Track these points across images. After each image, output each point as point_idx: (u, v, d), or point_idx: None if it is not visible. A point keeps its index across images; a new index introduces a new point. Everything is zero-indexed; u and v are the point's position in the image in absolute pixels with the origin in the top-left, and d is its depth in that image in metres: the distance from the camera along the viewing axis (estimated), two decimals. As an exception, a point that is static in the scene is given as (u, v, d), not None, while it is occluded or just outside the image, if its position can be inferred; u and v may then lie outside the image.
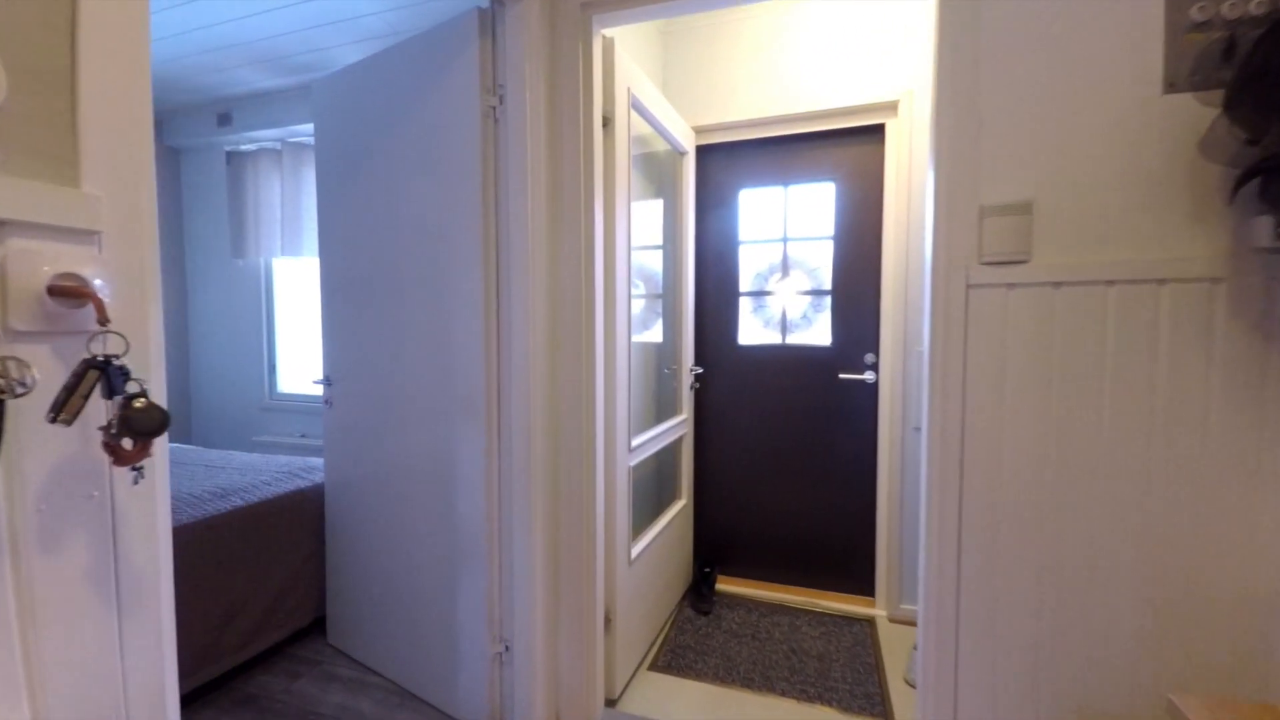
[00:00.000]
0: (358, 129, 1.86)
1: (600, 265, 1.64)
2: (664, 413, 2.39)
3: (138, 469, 0.60)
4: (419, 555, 1.78)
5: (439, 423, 1.70)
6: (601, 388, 1.65)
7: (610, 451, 1.71)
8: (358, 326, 1.91)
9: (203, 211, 3.61)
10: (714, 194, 2.55)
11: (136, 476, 0.61)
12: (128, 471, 0.60)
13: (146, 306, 0.65)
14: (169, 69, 2.85)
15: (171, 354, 3.66)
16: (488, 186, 1.57)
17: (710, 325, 2.59)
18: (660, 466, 2.41)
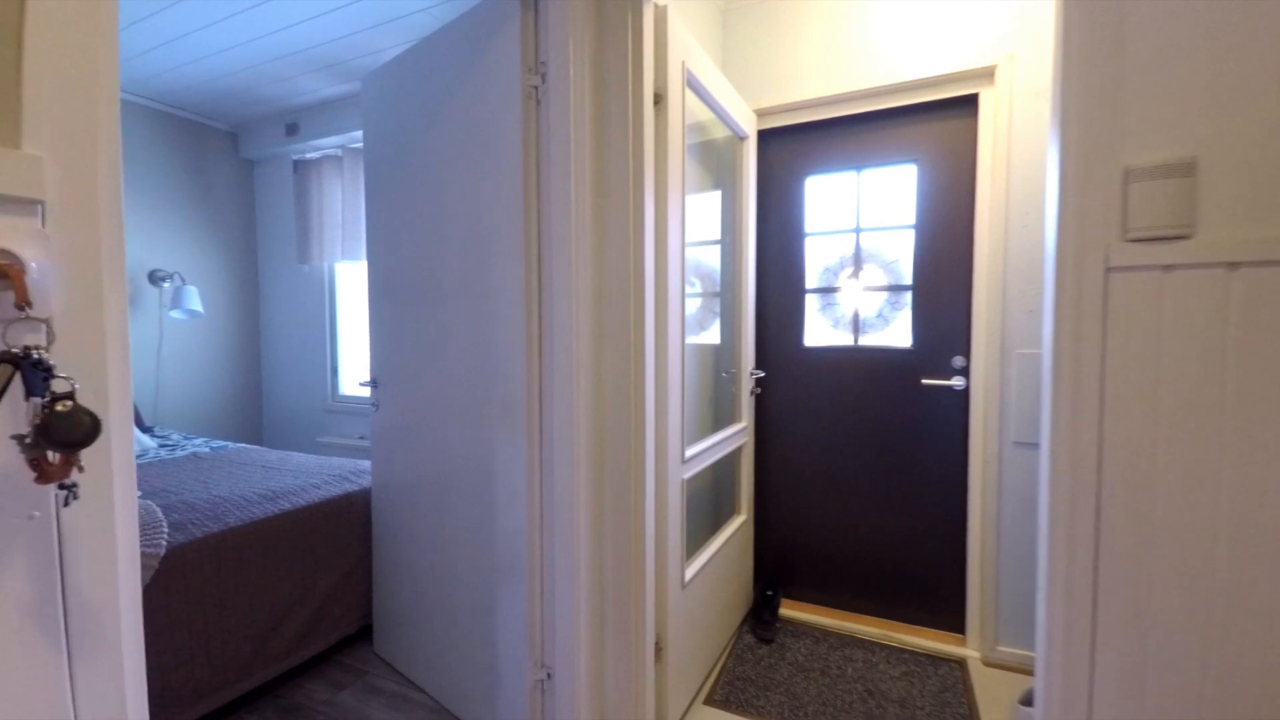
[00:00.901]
0: (402, 123, 1.80)
1: (651, 259, 1.48)
2: (722, 420, 2.21)
3: (68, 487, 0.49)
4: (458, 568, 1.68)
5: (478, 429, 1.60)
6: (652, 394, 1.49)
7: (661, 463, 1.55)
8: (401, 328, 1.85)
9: (274, 220, 3.75)
10: (777, 182, 2.34)
11: (67, 496, 0.50)
12: (56, 490, 0.50)
13: (103, 293, 0.55)
14: (238, 79, 2.95)
15: (245, 357, 3.82)
16: (529, 174, 1.45)
17: (773, 325, 2.37)
18: (717, 478, 2.22)
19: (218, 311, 3.65)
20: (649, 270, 1.47)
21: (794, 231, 2.33)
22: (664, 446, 1.55)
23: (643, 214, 1.45)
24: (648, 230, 1.47)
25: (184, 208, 3.47)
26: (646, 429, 1.46)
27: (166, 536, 1.56)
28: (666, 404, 1.54)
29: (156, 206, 3.34)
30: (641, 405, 1.45)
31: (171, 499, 1.85)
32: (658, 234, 1.53)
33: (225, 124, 3.61)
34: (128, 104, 3.16)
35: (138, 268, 3.25)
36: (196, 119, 3.49)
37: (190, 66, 2.81)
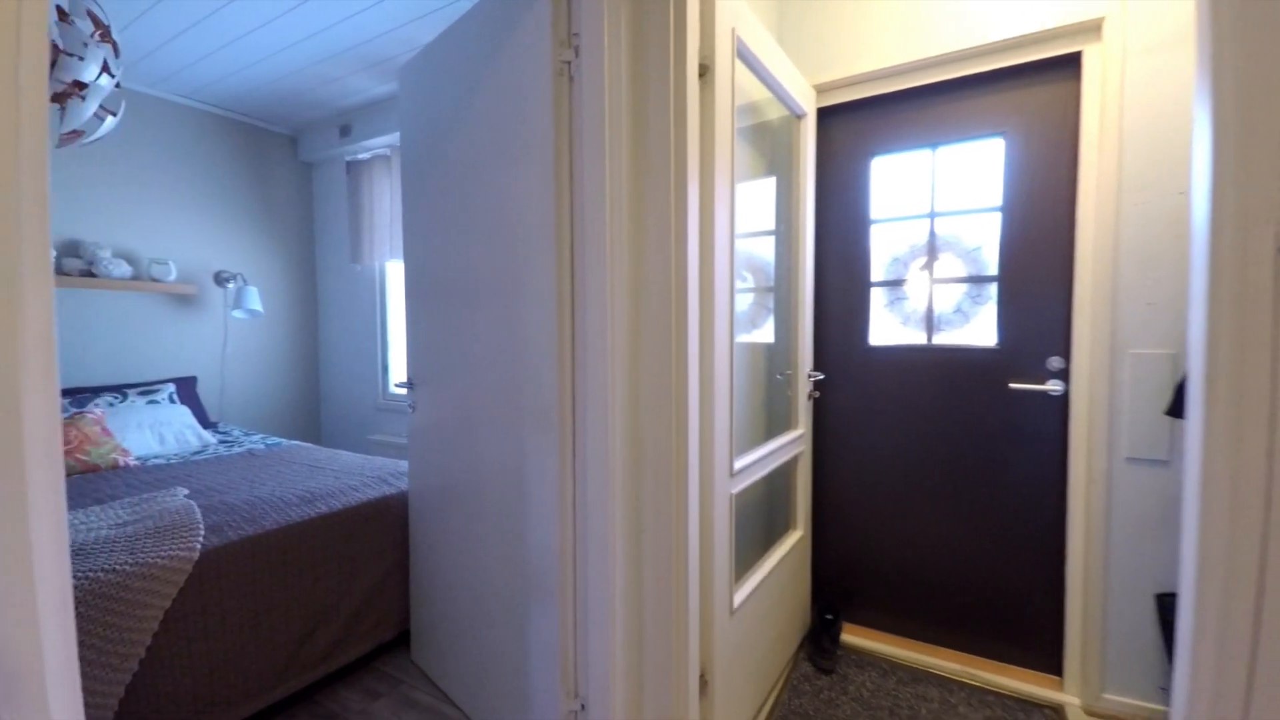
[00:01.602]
0: (434, 113, 1.72)
1: (695, 250, 1.32)
2: (775, 427, 2.02)
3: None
4: (490, 581, 1.59)
5: (509, 436, 1.49)
6: (696, 400, 1.33)
7: (707, 476, 1.39)
8: (434, 328, 1.78)
9: (330, 221, 3.83)
10: (838, 165, 2.12)
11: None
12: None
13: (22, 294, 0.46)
14: (292, 82, 3.00)
15: (303, 355, 3.93)
16: (561, 159, 1.33)
17: (833, 323, 2.16)
18: (770, 490, 2.03)
19: (277, 311, 3.76)
20: (693, 262, 1.32)
21: (857, 219, 2.10)
22: (710, 458, 1.39)
23: (686, 200, 1.29)
24: (691, 218, 1.31)
25: (247, 210, 3.59)
26: (689, 439, 1.31)
27: (201, 540, 1.55)
28: (713, 411, 1.38)
29: (221, 210, 3.46)
30: (684, 412, 1.30)
31: (214, 499, 1.85)
32: (703, 222, 1.37)
33: (285, 128, 3.71)
34: (194, 111, 3.29)
35: (203, 269, 3.38)
36: (258, 124, 3.59)
37: (248, 70, 2.87)
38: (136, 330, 3.12)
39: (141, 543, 1.49)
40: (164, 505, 1.74)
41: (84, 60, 1.50)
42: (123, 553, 1.43)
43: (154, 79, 2.96)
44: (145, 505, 1.77)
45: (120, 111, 1.71)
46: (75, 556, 1.37)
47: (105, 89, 1.62)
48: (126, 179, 3.04)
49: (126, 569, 1.37)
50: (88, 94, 1.53)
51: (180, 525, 1.58)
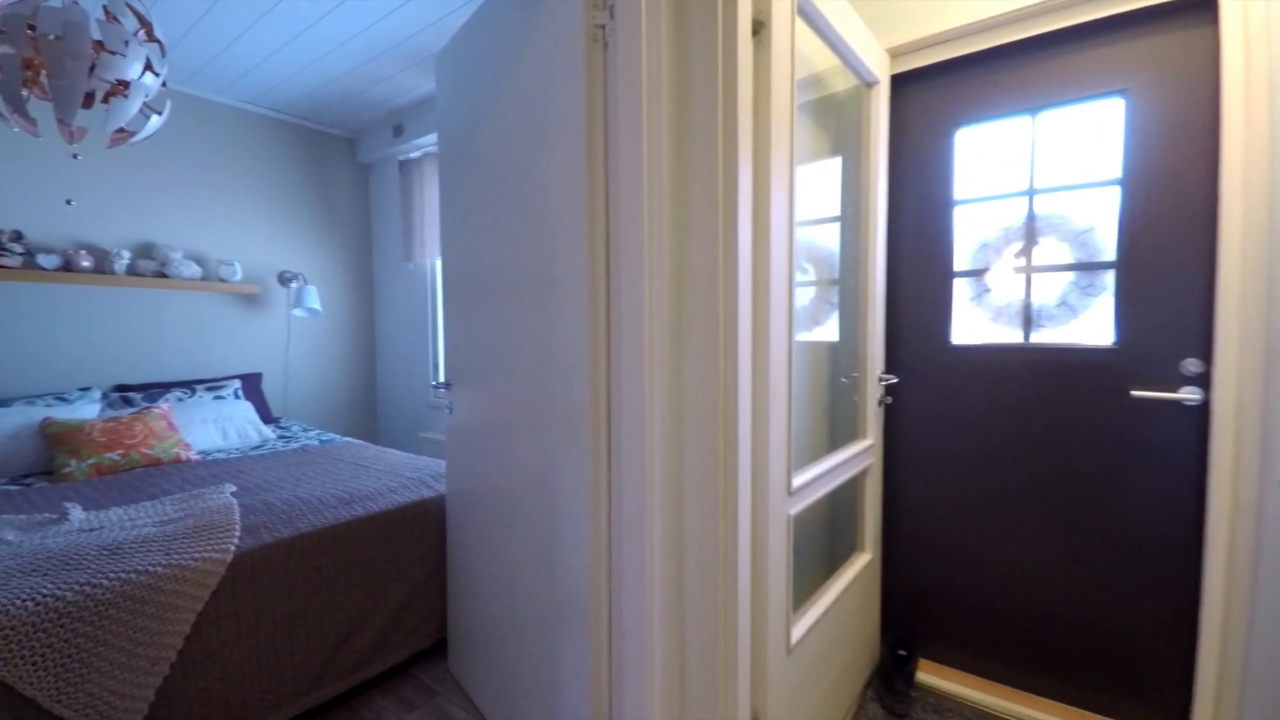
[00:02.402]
0: (469, 99, 1.63)
1: (746, 239, 1.15)
2: (840, 437, 1.80)
3: None
4: (521, 598, 1.47)
5: (540, 442, 1.37)
6: (748, 407, 1.16)
7: (760, 495, 1.21)
8: (469, 327, 1.69)
9: (386, 220, 3.89)
10: (915, 139, 1.87)
11: None
12: None
13: None
14: (345, 83, 3.02)
15: (361, 353, 4.01)
16: (594, 136, 1.18)
17: (908, 319, 1.91)
18: (834, 507, 1.82)
19: (336, 310, 3.85)
20: (744, 252, 1.14)
21: (938, 200, 1.84)
22: (763, 474, 1.21)
23: (736, 181, 1.12)
24: (743, 201, 1.13)
25: (308, 212, 3.69)
26: (740, 452, 1.13)
27: (236, 542, 1.52)
28: (767, 420, 1.20)
29: (284, 212, 3.56)
30: (733, 422, 1.12)
31: (257, 498, 1.84)
32: (757, 206, 1.19)
33: (344, 131, 3.78)
34: (258, 117, 3.40)
35: (267, 269, 3.49)
36: (319, 128, 3.68)
37: (304, 73, 2.92)
38: (206, 328, 3.25)
39: (178, 543, 1.47)
40: (207, 504, 1.74)
41: (126, 58, 1.49)
42: (158, 553, 1.41)
43: (219, 86, 3.07)
44: (191, 503, 1.78)
45: (166, 111, 1.72)
46: (111, 556, 1.37)
47: (150, 87, 1.62)
48: (197, 183, 3.17)
49: (159, 570, 1.35)
50: (131, 92, 1.53)
51: (216, 526, 1.57)
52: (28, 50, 1.30)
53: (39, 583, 1.21)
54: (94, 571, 1.29)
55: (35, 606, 1.15)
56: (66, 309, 2.73)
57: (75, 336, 2.76)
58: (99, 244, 2.83)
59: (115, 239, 2.89)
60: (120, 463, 2.25)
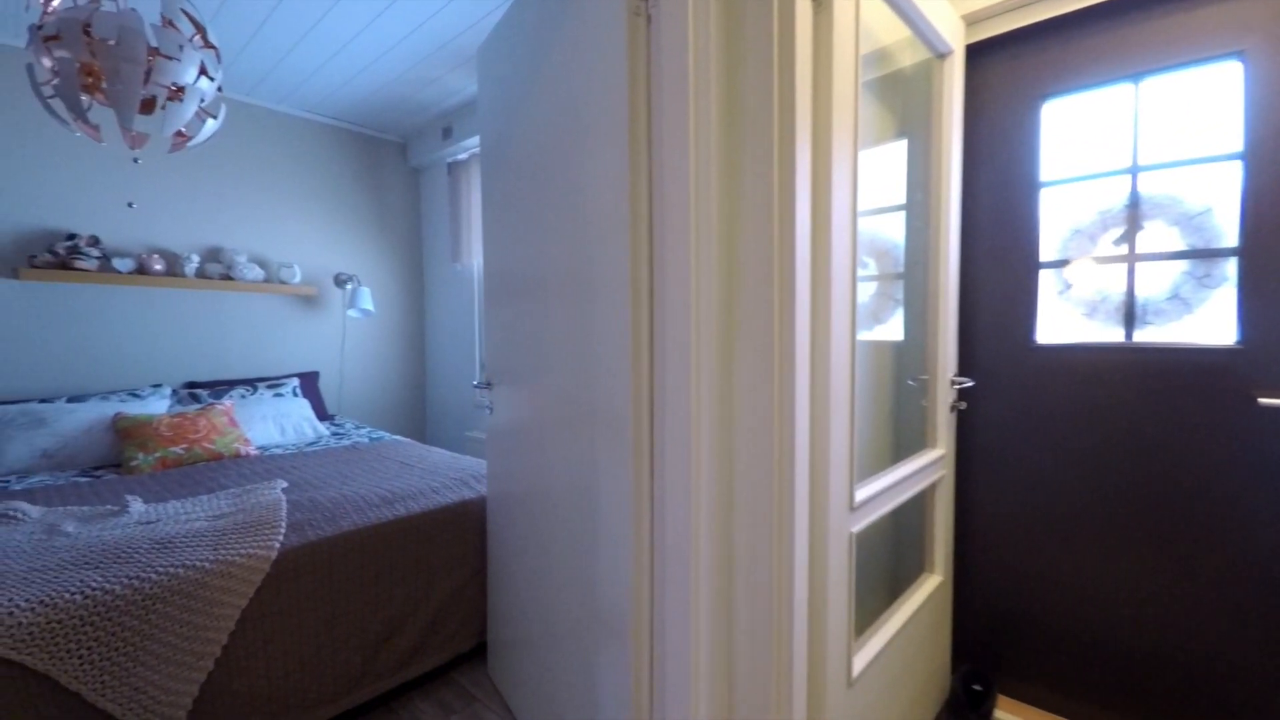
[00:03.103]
0: (508, 91, 1.57)
1: (805, 228, 1.03)
2: (906, 446, 1.64)
3: None
4: (560, 608, 1.40)
5: (580, 447, 1.30)
6: (806, 413, 1.04)
7: (819, 510, 1.09)
8: (508, 327, 1.64)
9: (436, 222, 3.94)
10: (993, 114, 1.69)
11: None
12: None
13: None
14: (396, 87, 3.07)
15: (411, 353, 4.08)
16: (636, 119, 1.10)
17: (984, 315, 1.73)
18: (898, 523, 1.67)
19: (389, 310, 3.94)
20: (802, 244, 1.03)
21: (1020, 181, 1.65)
22: (823, 487, 1.09)
23: (793, 165, 1.01)
24: (801, 188, 1.02)
25: (362, 216, 3.78)
26: (796, 462, 1.02)
27: (281, 538, 1.52)
28: (828, 426, 1.08)
29: (340, 215, 3.67)
30: (789, 428, 1.01)
31: (304, 495, 1.86)
32: (817, 193, 1.07)
33: (396, 135, 3.86)
34: (316, 124, 3.50)
35: (324, 272, 3.60)
36: (373, 133, 3.77)
37: (356, 79, 2.97)
38: (267, 328, 3.38)
39: (226, 538, 1.48)
40: (258, 499, 1.77)
41: (181, 62, 1.52)
42: (206, 548, 1.42)
43: (280, 96, 3.18)
44: (244, 498, 1.81)
45: (221, 115, 1.75)
46: (161, 550, 1.39)
47: (205, 92, 1.65)
48: (260, 190, 3.30)
49: (206, 565, 1.36)
50: (186, 96, 1.56)
51: (263, 522, 1.58)
52: (84, 55, 1.34)
53: (89, 576, 1.23)
54: (143, 565, 1.31)
55: (84, 600, 1.16)
56: (140, 310, 2.89)
57: (148, 336, 2.91)
58: (170, 248, 2.98)
59: (185, 243, 3.03)
60: (184, 457, 2.34)
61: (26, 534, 1.44)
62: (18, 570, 1.22)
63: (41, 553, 1.33)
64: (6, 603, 1.09)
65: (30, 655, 1.07)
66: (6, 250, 2.47)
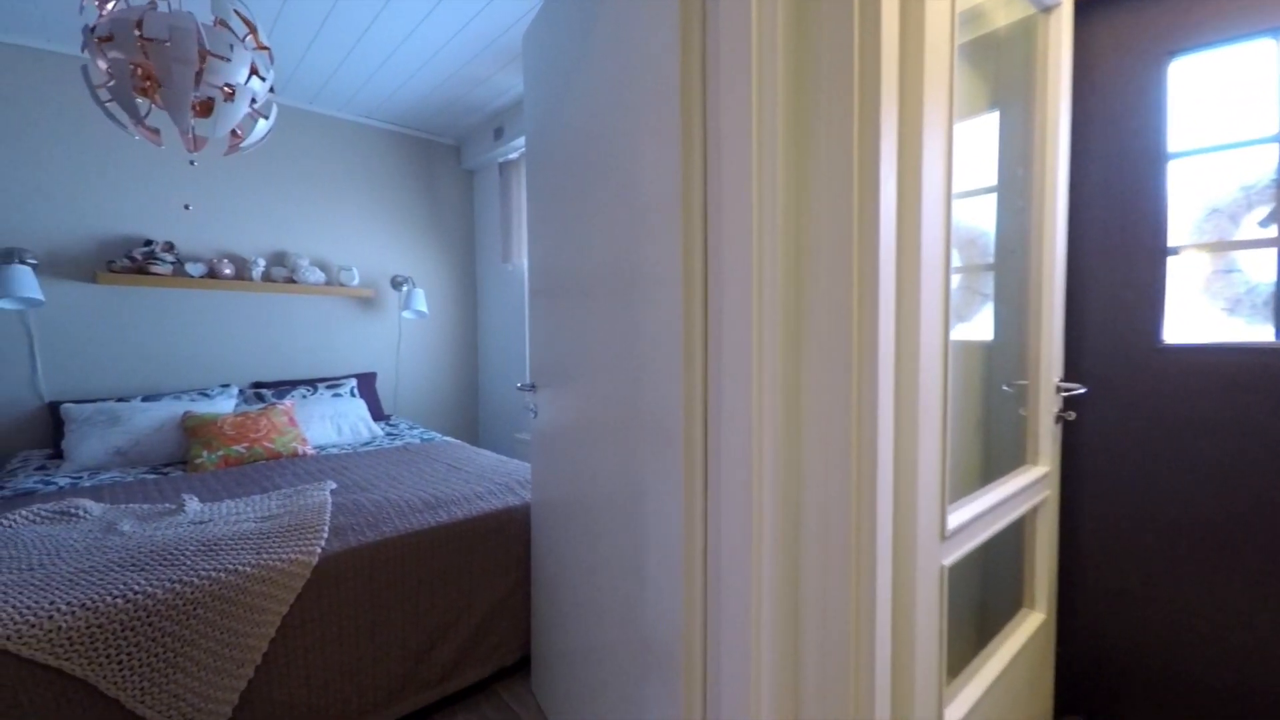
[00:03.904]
0: (553, 78, 1.48)
1: (890, 211, 0.88)
2: (999, 463, 1.43)
3: None
4: (604, 631, 1.29)
5: (625, 457, 1.18)
6: (890, 424, 0.88)
7: (905, 539, 0.92)
8: (551, 326, 1.54)
9: (488, 223, 3.95)
10: (1107, 76, 1.45)
11: None
12: None
13: None
14: (448, 88, 3.07)
15: (464, 354, 4.10)
16: (689, 92, 0.97)
17: (1096, 310, 1.49)
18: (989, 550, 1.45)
19: (442, 312, 3.97)
20: (886, 228, 0.87)
21: (1143, 153, 1.41)
22: (910, 513, 0.92)
23: (877, 137, 0.85)
24: (886, 164, 0.86)
25: (417, 218, 3.83)
26: (879, 482, 0.86)
27: (323, 544, 1.48)
28: (915, 441, 0.91)
29: (396, 218, 3.72)
30: (870, 443, 0.85)
31: (350, 497, 1.83)
32: (904, 169, 0.91)
33: (450, 138, 3.89)
34: (374, 130, 3.57)
35: (381, 274, 3.66)
36: (428, 136, 3.81)
37: (410, 83, 2.99)
38: (328, 330, 3.46)
39: (269, 542, 1.46)
40: (306, 501, 1.75)
41: (232, 62, 1.51)
42: (249, 551, 1.40)
43: (339, 103, 3.25)
44: (293, 499, 1.80)
45: (273, 116, 1.75)
46: (207, 553, 1.37)
47: (257, 92, 1.64)
48: (321, 195, 3.38)
49: (247, 570, 1.33)
50: (237, 96, 1.55)
51: (306, 526, 1.55)
52: (137, 56, 1.34)
53: (134, 578, 1.22)
54: (187, 568, 1.29)
55: (125, 604, 1.15)
56: (211, 312, 3.00)
57: (218, 337, 3.03)
58: (239, 252, 3.09)
59: (252, 247, 3.14)
60: (245, 455, 2.39)
61: (84, 532, 1.47)
62: (65, 571, 1.23)
63: (93, 552, 1.34)
64: (48, 605, 1.09)
65: (69, 660, 1.05)
66: (89, 256, 2.61)
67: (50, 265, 2.51)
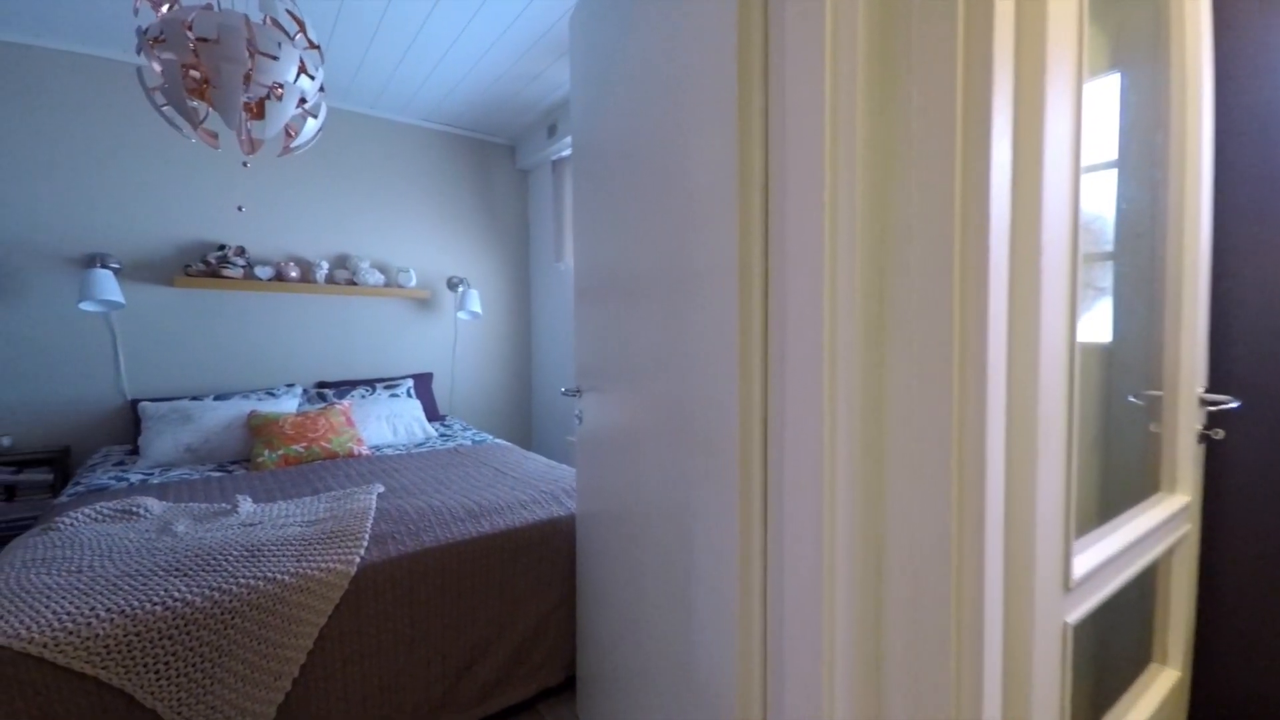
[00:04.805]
0: (599, 54, 1.37)
1: (1003, 188, 0.70)
2: (1124, 492, 1.19)
3: None
4: (651, 665, 1.16)
5: (671, 472, 1.05)
6: (1000, 448, 0.71)
7: (1020, 590, 0.74)
8: (597, 328, 1.43)
9: (541, 223, 3.92)
10: (1255, 22, 1.18)
11: None
12: None
13: None
14: (502, 86, 3.04)
15: (518, 355, 4.09)
16: (748, 43, 0.83)
17: (1252, 307, 1.22)
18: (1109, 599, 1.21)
19: (497, 313, 3.97)
20: (997, 210, 0.69)
21: (1317, 113, 1.14)
22: (1025, 555, 0.74)
23: (989, 95, 0.68)
24: (998, 129, 0.69)
25: (472, 219, 3.85)
26: (987, 519, 0.69)
27: (362, 553, 1.44)
28: (1033, 469, 0.73)
29: (452, 220, 3.75)
30: (977, 470, 0.68)
31: (394, 503, 1.80)
32: (1022, 135, 0.73)
33: (505, 138, 3.89)
34: (431, 132, 3.61)
35: (438, 275, 3.70)
36: (483, 137, 3.82)
37: (464, 83, 2.99)
38: (386, 331, 3.52)
39: (311, 549, 1.43)
40: (351, 506, 1.73)
41: (280, 60, 1.50)
42: (290, 559, 1.37)
43: (397, 106, 3.29)
44: (341, 502, 1.78)
45: (322, 114, 1.74)
46: (249, 559, 1.35)
47: (307, 91, 1.63)
48: (381, 197, 3.45)
49: (285, 579, 1.30)
50: (285, 94, 1.54)
51: (348, 533, 1.51)
52: (188, 57, 1.33)
53: (175, 585, 1.20)
54: (227, 575, 1.27)
55: (164, 611, 1.13)
56: (278, 314, 3.11)
57: (284, 338, 3.14)
58: (304, 255, 3.19)
59: (317, 251, 3.23)
60: (304, 455, 2.43)
61: (140, 532, 1.49)
62: (111, 575, 1.23)
63: (143, 554, 1.34)
64: (88, 611, 1.08)
65: (105, 669, 1.04)
66: (167, 261, 2.75)
67: (132, 269, 2.65)
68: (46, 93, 2.47)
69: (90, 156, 2.56)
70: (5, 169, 2.40)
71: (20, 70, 2.42)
